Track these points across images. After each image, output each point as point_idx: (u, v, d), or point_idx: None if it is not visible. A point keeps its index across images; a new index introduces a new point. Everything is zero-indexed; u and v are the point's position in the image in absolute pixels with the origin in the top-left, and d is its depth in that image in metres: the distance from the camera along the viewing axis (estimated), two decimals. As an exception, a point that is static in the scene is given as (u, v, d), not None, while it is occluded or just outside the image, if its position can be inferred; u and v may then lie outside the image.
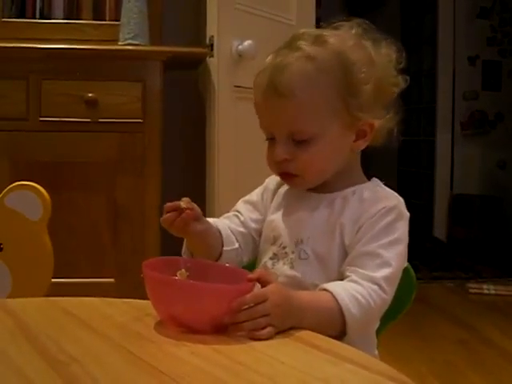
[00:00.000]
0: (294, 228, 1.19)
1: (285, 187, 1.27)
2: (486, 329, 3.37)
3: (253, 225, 1.27)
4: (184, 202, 1.10)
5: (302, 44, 1.14)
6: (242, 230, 1.26)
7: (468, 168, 5.98)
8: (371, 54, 1.17)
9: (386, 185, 1.21)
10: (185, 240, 1.21)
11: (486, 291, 4.08)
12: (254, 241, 1.27)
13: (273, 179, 1.30)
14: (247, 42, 2.64)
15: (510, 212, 5.77)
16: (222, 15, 2.63)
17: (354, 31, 1.20)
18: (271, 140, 1.18)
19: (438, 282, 4.37)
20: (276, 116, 1.15)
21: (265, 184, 1.31)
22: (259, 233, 1.27)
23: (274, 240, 1.21)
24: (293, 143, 1.14)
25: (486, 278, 4.47)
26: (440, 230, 5.89)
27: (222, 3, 2.63)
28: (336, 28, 1.21)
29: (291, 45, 1.16)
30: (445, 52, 5.94)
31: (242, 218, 1.27)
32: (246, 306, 0.94)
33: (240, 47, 2.66)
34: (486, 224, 5.74)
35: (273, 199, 1.27)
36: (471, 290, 4.09)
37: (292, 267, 1.16)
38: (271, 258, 1.20)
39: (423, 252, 5.07)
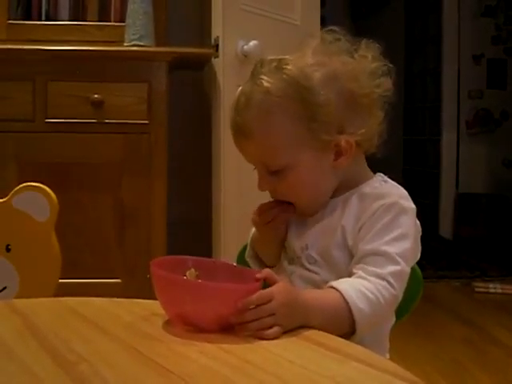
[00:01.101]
0: (300, 235, 1.20)
1: None
2: (492, 327, 3.37)
3: None
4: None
5: (261, 77, 1.15)
6: None
7: (474, 167, 5.98)
8: (335, 69, 1.14)
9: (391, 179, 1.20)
10: (249, 244, 1.29)
11: (492, 290, 4.07)
12: None
13: None
14: (252, 43, 2.65)
15: (516, 210, 5.76)
16: (227, 16, 2.63)
17: (314, 44, 1.18)
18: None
19: (444, 280, 4.36)
20: (244, 153, 1.18)
21: None
22: None
23: (286, 248, 1.23)
24: (271, 174, 1.16)
25: (492, 276, 4.46)
26: (446, 229, 5.89)
27: (227, 4, 2.63)
28: (303, 44, 1.20)
29: (253, 77, 1.17)
30: (449, 51, 5.93)
31: None
32: (251, 306, 0.95)
33: (245, 47, 2.66)
34: (491, 223, 5.73)
35: None
36: (477, 289, 4.08)
37: (307, 270, 1.18)
38: (289, 263, 1.22)
39: (429, 251, 5.05)
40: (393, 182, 1.19)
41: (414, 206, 1.15)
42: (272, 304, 0.95)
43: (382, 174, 1.22)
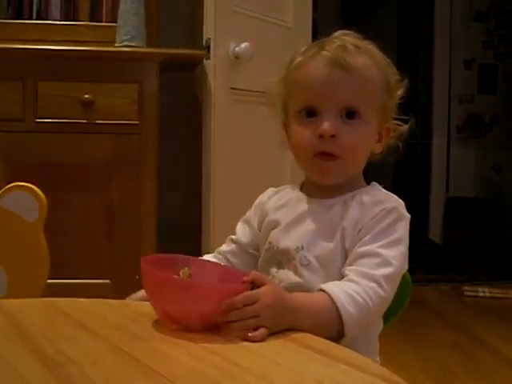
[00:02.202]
0: (294, 235, 1.19)
1: (281, 196, 1.28)
2: (481, 331, 3.37)
3: (245, 240, 1.29)
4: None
5: (347, 39, 1.19)
6: (230, 248, 1.29)
7: (463, 171, 5.99)
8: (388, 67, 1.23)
9: (384, 188, 1.22)
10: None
11: (480, 294, 4.08)
12: (249, 254, 1.29)
13: (264, 195, 1.31)
14: (244, 44, 2.65)
15: (505, 215, 5.78)
16: (218, 17, 2.63)
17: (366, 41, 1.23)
18: (310, 119, 1.17)
19: (433, 284, 4.38)
20: (336, 87, 1.15)
21: (256, 201, 1.32)
22: (254, 246, 1.28)
23: (276, 248, 1.21)
24: (340, 121, 1.15)
25: (481, 280, 4.47)
26: (435, 233, 5.90)
27: (219, 5, 2.63)
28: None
29: (335, 38, 1.20)
30: (441, 55, 5.95)
31: (234, 237, 1.30)
32: (236, 307, 0.94)
33: (237, 49, 2.66)
34: (481, 227, 5.75)
35: (268, 210, 1.27)
36: (466, 293, 4.10)
37: (296, 273, 1.17)
38: (276, 265, 1.21)
39: (418, 255, 5.08)
40: (387, 192, 1.21)
41: (409, 215, 1.17)
42: (256, 306, 0.95)
43: (376, 183, 1.23)
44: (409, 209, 1.17)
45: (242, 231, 1.30)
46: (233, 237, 1.31)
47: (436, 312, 3.80)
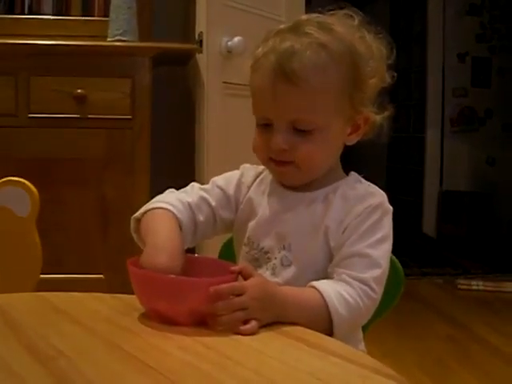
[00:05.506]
0: (275, 232, 1.15)
1: (261, 182, 1.22)
2: (475, 324, 3.38)
3: (223, 216, 1.21)
4: None
5: (311, 29, 1.10)
6: (203, 218, 1.19)
7: (457, 164, 6.00)
8: (372, 48, 1.14)
9: (369, 180, 1.18)
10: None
11: (474, 287, 4.10)
12: (214, 227, 1.21)
13: (247, 175, 1.24)
14: (236, 38, 2.64)
15: (499, 208, 5.80)
16: (211, 11, 2.63)
17: (356, 22, 1.15)
18: (265, 127, 1.12)
19: (427, 278, 4.38)
20: (281, 102, 1.08)
21: (238, 178, 1.24)
22: (225, 223, 1.22)
23: (254, 243, 1.17)
24: (293, 133, 1.09)
25: (474, 274, 4.49)
26: (429, 227, 5.91)
27: (211, -1, 2.63)
28: (334, 15, 1.17)
29: (297, 30, 1.11)
30: (434, 49, 5.96)
31: (212, 205, 1.21)
32: (223, 293, 0.93)
33: (229, 43, 2.66)
34: (475, 220, 5.76)
35: (245, 197, 1.21)
36: (460, 286, 4.11)
37: (273, 273, 1.13)
38: (252, 263, 1.16)
39: (412, 248, 5.08)
40: (369, 183, 1.17)
41: (391, 207, 1.13)
42: (244, 298, 0.94)
43: (355, 173, 1.19)
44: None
45: (220, 204, 1.21)
46: (212, 204, 1.21)
47: (430, 305, 3.80)
